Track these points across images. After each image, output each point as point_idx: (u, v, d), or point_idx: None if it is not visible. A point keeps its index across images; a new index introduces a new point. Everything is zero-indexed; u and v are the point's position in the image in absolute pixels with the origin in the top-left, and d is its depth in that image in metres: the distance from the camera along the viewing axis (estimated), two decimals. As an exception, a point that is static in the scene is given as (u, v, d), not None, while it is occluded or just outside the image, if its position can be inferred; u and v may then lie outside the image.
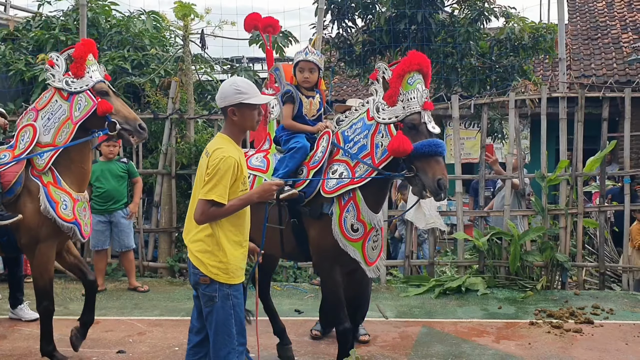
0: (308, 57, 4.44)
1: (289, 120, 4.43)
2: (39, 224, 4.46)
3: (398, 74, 3.78)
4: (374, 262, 4.20)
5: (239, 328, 3.36)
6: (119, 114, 4.48)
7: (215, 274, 3.27)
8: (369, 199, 4.02)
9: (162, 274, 7.85)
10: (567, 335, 5.40)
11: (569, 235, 7.15)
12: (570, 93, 7.32)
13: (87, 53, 4.53)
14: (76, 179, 4.60)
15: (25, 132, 4.57)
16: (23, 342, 5.28)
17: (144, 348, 5.10)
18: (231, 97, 3.27)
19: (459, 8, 9.93)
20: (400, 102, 3.79)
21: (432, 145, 3.65)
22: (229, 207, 3.23)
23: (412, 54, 3.80)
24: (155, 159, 8.14)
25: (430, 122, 3.75)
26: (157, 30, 9.30)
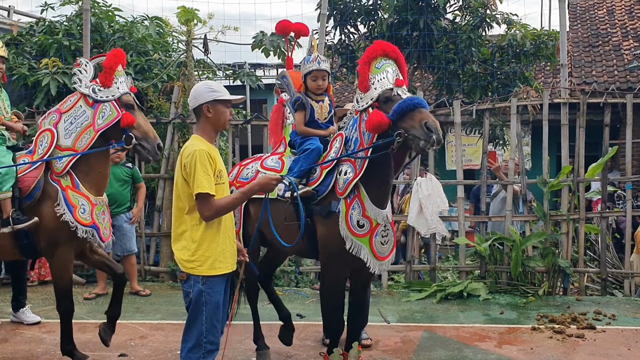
0: (322, 67, 4.58)
1: (302, 126, 4.59)
2: (58, 227, 4.48)
3: (364, 61, 3.96)
4: (385, 257, 4.24)
5: (209, 326, 3.37)
6: (140, 129, 4.49)
7: (191, 267, 3.38)
8: (373, 195, 4.10)
9: (164, 278, 7.86)
10: (570, 340, 5.39)
11: (570, 240, 7.16)
12: (572, 99, 7.33)
13: (118, 64, 4.55)
14: (95, 183, 4.62)
15: (43, 137, 4.60)
16: (24, 346, 5.28)
17: (146, 352, 5.10)
18: (205, 95, 3.45)
19: (461, 15, 9.98)
20: (372, 85, 3.94)
21: (407, 100, 3.72)
22: (233, 200, 3.40)
23: (376, 42, 3.99)
24: (158, 163, 8.15)
25: (404, 94, 3.81)
26: (160, 36, 9.32)
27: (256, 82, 9.32)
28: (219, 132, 3.74)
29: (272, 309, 6.55)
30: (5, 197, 4.48)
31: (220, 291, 3.42)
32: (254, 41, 8.36)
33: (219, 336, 3.45)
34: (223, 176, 3.47)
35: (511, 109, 7.40)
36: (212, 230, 3.39)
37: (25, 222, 4.45)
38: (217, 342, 3.44)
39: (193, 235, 3.38)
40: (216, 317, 3.39)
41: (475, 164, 12.20)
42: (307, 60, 4.64)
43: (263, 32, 8.39)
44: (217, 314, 3.40)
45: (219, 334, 3.46)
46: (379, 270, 4.31)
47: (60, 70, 8.22)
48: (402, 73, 3.96)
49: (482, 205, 7.58)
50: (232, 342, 4.99)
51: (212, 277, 3.38)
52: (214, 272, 3.38)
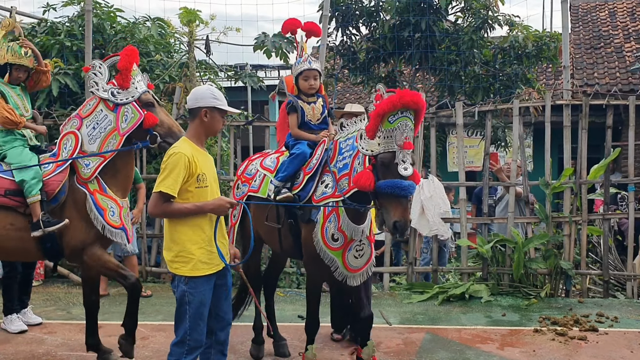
0: (313, 66, 4.59)
1: (295, 129, 4.62)
2: (86, 232, 4.48)
3: (378, 113, 3.70)
4: (358, 269, 4.26)
5: (193, 324, 3.46)
6: (163, 125, 4.49)
7: (175, 267, 3.49)
8: (350, 211, 4.08)
9: (165, 279, 7.85)
10: (572, 342, 5.38)
11: (572, 242, 7.14)
12: (574, 101, 7.32)
13: (132, 63, 4.52)
14: (121, 185, 4.63)
15: (67, 140, 4.59)
16: (26, 347, 5.28)
17: (147, 353, 5.09)
18: (207, 99, 3.53)
19: (463, 16, 9.99)
20: (378, 137, 3.76)
21: (395, 187, 3.62)
22: (182, 208, 3.43)
23: (401, 93, 3.68)
24: (159, 164, 8.13)
25: (404, 162, 3.67)
26: (162, 37, 9.32)
27: (258, 83, 9.32)
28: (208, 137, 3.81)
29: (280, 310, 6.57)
30: (35, 201, 4.46)
31: (203, 291, 3.48)
32: (255, 42, 8.35)
33: (202, 334, 3.52)
34: (207, 179, 3.52)
35: (513, 111, 7.39)
36: (195, 233, 3.46)
37: (55, 224, 4.43)
38: (201, 339, 3.52)
39: (173, 236, 3.49)
40: (199, 316, 3.47)
41: (477, 166, 12.18)
42: (297, 62, 4.69)
43: (265, 33, 8.39)
44: (200, 313, 3.47)
45: (204, 332, 3.53)
46: (352, 282, 4.30)
47: (62, 71, 8.23)
48: (417, 123, 3.79)
49: (484, 207, 7.56)
50: (233, 344, 4.97)
51: (194, 278, 3.46)
52: (197, 273, 3.46)
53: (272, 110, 14.18)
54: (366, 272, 4.37)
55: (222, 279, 3.65)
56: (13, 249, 4.64)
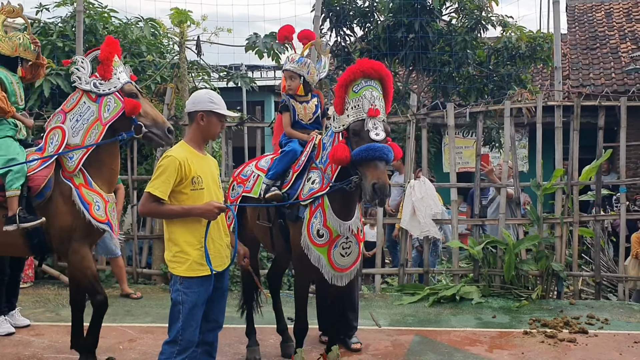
0: (285, 66, 4.70)
1: (287, 127, 4.66)
2: (72, 226, 4.46)
3: (341, 83, 3.79)
4: (345, 269, 4.21)
5: (185, 325, 3.47)
6: (148, 116, 4.48)
7: (172, 267, 3.53)
8: (336, 205, 4.06)
9: (156, 280, 7.83)
10: (561, 345, 5.35)
11: (564, 244, 7.12)
12: (565, 102, 7.30)
13: (113, 54, 4.51)
14: (106, 180, 4.60)
15: (54, 135, 4.56)
16: (12, 349, 5.25)
17: (134, 355, 5.07)
18: (204, 103, 3.55)
19: (457, 17, 9.99)
20: (346, 110, 3.81)
21: (369, 149, 3.63)
22: (170, 210, 3.46)
23: (359, 62, 3.80)
24: (150, 165, 8.13)
25: (374, 129, 3.70)
26: (154, 37, 9.29)
27: (250, 83, 9.30)
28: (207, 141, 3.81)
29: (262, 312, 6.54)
30: (14, 195, 4.44)
31: (197, 292, 3.49)
32: (247, 43, 8.34)
33: (195, 335, 3.53)
34: (203, 182, 3.52)
35: (505, 112, 7.37)
36: (193, 234, 3.48)
37: (31, 221, 4.40)
38: (193, 340, 3.52)
39: (171, 236, 3.53)
40: (192, 316, 3.48)
41: (472, 167, 12.17)
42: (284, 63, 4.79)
43: (257, 33, 8.38)
44: (194, 313, 3.48)
45: (196, 333, 3.53)
46: (339, 282, 4.27)
47: (54, 72, 8.20)
48: (386, 93, 3.84)
49: (476, 208, 7.54)
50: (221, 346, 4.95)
51: (189, 279, 3.47)
52: (191, 274, 3.48)
53: (266, 110, 14.22)
54: (352, 273, 4.31)
55: (220, 281, 3.65)
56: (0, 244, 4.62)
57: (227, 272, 3.78)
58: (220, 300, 3.73)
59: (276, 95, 14.53)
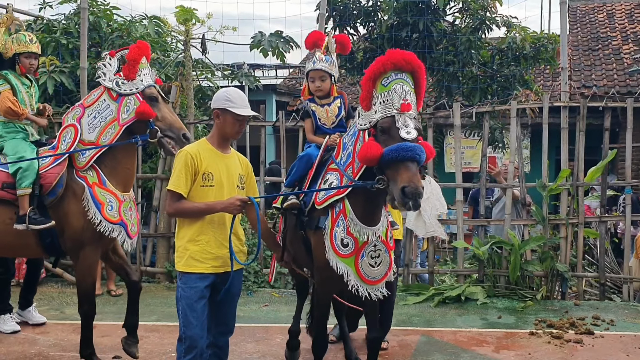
0: (316, 66, 4.30)
1: (309, 134, 4.41)
2: (84, 226, 4.41)
3: (368, 77, 3.41)
4: (376, 281, 3.73)
5: (185, 321, 3.45)
6: (165, 120, 4.44)
7: (176, 262, 3.57)
8: (359, 210, 3.65)
9: (160, 279, 7.82)
10: (568, 345, 5.35)
11: (569, 245, 7.12)
12: (571, 102, 7.30)
13: (141, 56, 4.49)
14: (122, 179, 4.55)
15: (67, 133, 4.54)
16: (18, 347, 5.23)
17: (140, 354, 5.00)
18: (220, 101, 3.52)
19: (461, 17, 9.97)
20: (374, 105, 3.42)
21: (399, 149, 3.22)
22: (195, 208, 3.45)
23: (389, 52, 3.39)
24: (155, 163, 8.11)
25: (405, 126, 3.31)
26: (158, 35, 9.27)
27: (254, 82, 9.28)
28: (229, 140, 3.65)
29: (268, 311, 6.53)
30: (24, 194, 4.42)
31: (194, 287, 3.46)
32: (252, 41, 8.32)
33: (197, 333, 3.44)
34: (214, 179, 3.49)
35: (511, 112, 7.36)
36: (194, 229, 3.48)
37: (41, 223, 4.38)
38: (196, 338, 3.45)
39: (179, 233, 3.56)
40: (191, 313, 3.44)
41: (475, 167, 12.17)
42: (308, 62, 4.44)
43: (262, 32, 8.36)
44: (193, 310, 3.44)
45: (198, 331, 3.45)
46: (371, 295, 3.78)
47: (58, 69, 8.18)
48: (418, 87, 3.45)
49: (481, 208, 7.54)
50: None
51: (186, 274, 3.48)
52: (188, 269, 3.48)
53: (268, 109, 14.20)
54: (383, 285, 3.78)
55: (225, 282, 3.55)
56: (12, 244, 4.60)
57: (239, 275, 3.68)
58: (229, 304, 3.67)
59: (278, 94, 14.52)
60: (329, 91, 4.37)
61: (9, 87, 4.82)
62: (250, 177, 3.75)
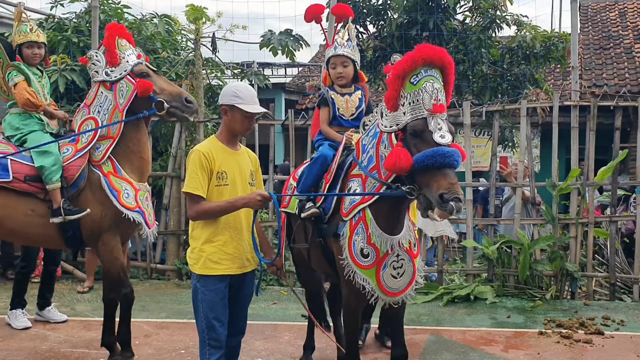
0: (338, 52, 4.05)
1: (324, 125, 4.14)
2: (102, 215, 4.46)
3: (397, 74, 3.13)
4: (398, 293, 3.49)
5: (208, 324, 3.38)
6: (164, 92, 4.44)
7: (191, 263, 3.46)
8: (381, 218, 3.38)
9: (170, 276, 7.86)
10: (577, 345, 5.33)
11: (579, 244, 7.09)
12: (582, 102, 7.26)
13: (113, 37, 4.50)
14: (136, 168, 4.59)
15: (87, 125, 4.58)
16: (29, 342, 5.27)
17: (150, 350, 5.08)
18: (228, 97, 3.41)
19: (471, 15, 9.93)
20: (402, 106, 3.14)
21: (436, 155, 2.94)
22: (217, 207, 3.34)
23: (419, 48, 3.12)
24: (165, 161, 8.15)
25: (438, 130, 3.03)
26: (168, 34, 9.32)
27: (263, 81, 9.30)
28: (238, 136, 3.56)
29: (276, 309, 6.55)
30: (55, 188, 4.45)
31: (215, 290, 3.39)
32: (262, 40, 8.34)
33: (221, 334, 3.41)
34: (228, 178, 3.41)
35: (521, 111, 7.33)
36: (210, 230, 3.39)
37: (76, 213, 4.41)
38: (221, 339, 3.41)
39: (193, 232, 3.47)
40: (214, 315, 3.38)
41: (484, 166, 12.14)
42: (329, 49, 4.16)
43: (271, 30, 8.38)
44: (215, 312, 3.38)
45: (222, 332, 3.41)
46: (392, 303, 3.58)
47: (69, 67, 8.23)
48: (447, 84, 3.18)
49: (491, 208, 7.52)
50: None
51: (204, 276, 3.40)
52: (206, 272, 3.39)
53: (277, 108, 14.23)
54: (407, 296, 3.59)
55: (241, 284, 3.51)
56: (34, 236, 4.64)
57: (251, 276, 3.61)
58: (242, 305, 3.61)
59: (287, 92, 14.54)
60: (353, 78, 4.14)
61: (23, 78, 4.83)
62: (258, 173, 3.68)
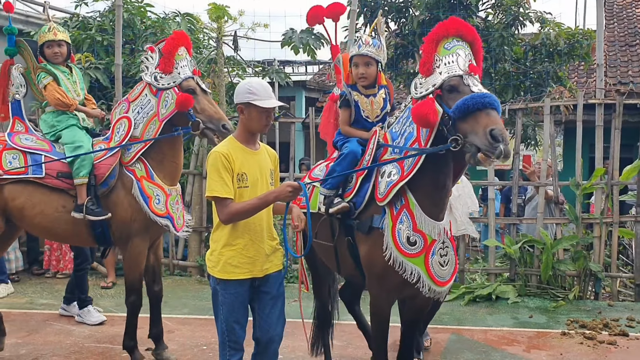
0: (361, 51, 3.88)
1: (345, 126, 3.99)
2: (131, 218, 4.50)
3: (431, 39, 3.18)
4: (446, 282, 3.41)
5: (229, 327, 3.33)
6: (204, 112, 4.42)
7: (210, 266, 3.39)
8: (425, 203, 3.30)
9: (191, 272, 7.94)
10: (601, 347, 5.27)
11: (603, 244, 7.00)
12: (607, 100, 7.16)
13: (177, 47, 4.47)
14: (168, 173, 4.61)
15: (121, 125, 4.60)
16: (54, 337, 5.37)
17: (173, 346, 5.12)
18: (242, 95, 3.30)
19: (494, 13, 9.86)
20: (437, 68, 3.15)
21: (476, 97, 2.92)
22: (248, 205, 3.21)
23: (451, 19, 3.19)
24: (187, 159, 8.20)
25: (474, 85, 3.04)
26: (191, 32, 9.37)
27: (285, 79, 9.32)
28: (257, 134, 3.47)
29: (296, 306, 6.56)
30: (82, 183, 4.48)
31: (235, 293, 3.32)
32: (283, 38, 8.36)
33: (241, 336, 3.37)
34: (247, 179, 3.31)
35: (544, 110, 7.26)
36: (230, 233, 3.31)
37: (98, 215, 4.45)
38: (240, 342, 3.37)
39: (214, 234, 3.40)
40: (233, 318, 3.32)
41: (507, 165, 12.03)
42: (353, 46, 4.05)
43: (293, 29, 8.38)
44: (235, 315, 3.33)
45: (241, 334, 3.38)
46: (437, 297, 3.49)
47: (93, 66, 8.34)
48: (477, 60, 3.20)
49: (513, 206, 7.46)
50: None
51: (223, 280, 3.32)
52: (225, 276, 3.31)
53: (298, 106, 14.24)
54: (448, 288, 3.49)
55: (264, 286, 3.41)
56: (65, 232, 4.68)
57: (277, 276, 3.48)
58: (271, 309, 3.45)
59: (307, 90, 14.55)
60: (375, 79, 3.97)
61: (52, 79, 4.86)
62: (276, 171, 3.60)
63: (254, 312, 3.46)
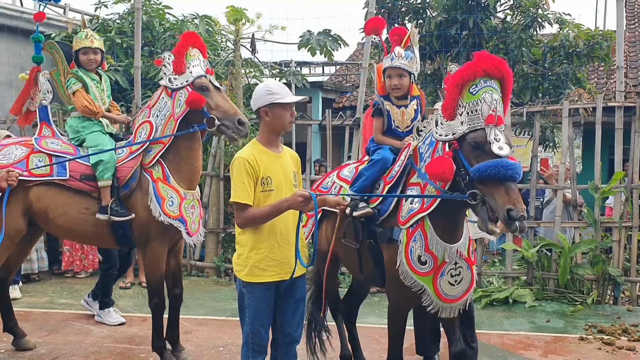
0: (394, 64, 3.94)
1: (378, 134, 4.09)
2: (149, 220, 4.54)
3: (455, 82, 3.15)
4: (456, 300, 3.50)
5: (254, 329, 3.36)
6: (219, 109, 4.44)
7: (236, 270, 3.42)
8: (439, 226, 3.38)
9: (209, 273, 7.99)
10: (620, 353, 5.22)
11: (622, 248, 6.93)
12: (627, 102, 7.09)
13: (186, 47, 4.53)
14: (185, 176, 4.63)
15: (143, 129, 4.66)
16: (74, 337, 5.44)
17: (190, 347, 5.17)
18: (263, 97, 3.32)
19: (512, 14, 9.78)
20: (459, 115, 3.16)
21: (499, 166, 2.94)
22: (262, 213, 3.25)
23: (479, 57, 3.14)
24: (205, 160, 8.26)
25: (497, 141, 3.04)
26: (209, 34, 9.44)
27: (302, 80, 9.35)
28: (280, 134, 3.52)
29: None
30: (106, 185, 4.55)
31: (261, 297, 3.34)
32: (300, 40, 8.38)
33: (265, 339, 3.40)
34: (272, 183, 3.33)
35: (563, 112, 7.20)
36: (256, 236, 3.33)
37: (122, 215, 4.51)
38: (264, 345, 3.41)
39: (239, 238, 3.42)
40: (259, 321, 3.36)
41: (525, 166, 11.94)
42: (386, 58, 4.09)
43: (310, 31, 8.41)
44: (260, 319, 3.36)
45: (265, 338, 3.41)
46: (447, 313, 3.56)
47: (112, 68, 8.42)
48: (505, 96, 3.19)
49: (531, 209, 7.41)
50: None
51: (250, 284, 3.35)
52: (253, 280, 3.33)
53: (315, 107, 14.26)
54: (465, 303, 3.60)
55: (289, 289, 3.43)
56: (87, 234, 4.75)
57: (302, 280, 3.51)
58: (294, 311, 3.48)
59: (324, 91, 14.57)
60: (408, 90, 4.04)
61: (81, 86, 4.93)
62: (298, 173, 3.62)
63: (276, 314, 3.47)
